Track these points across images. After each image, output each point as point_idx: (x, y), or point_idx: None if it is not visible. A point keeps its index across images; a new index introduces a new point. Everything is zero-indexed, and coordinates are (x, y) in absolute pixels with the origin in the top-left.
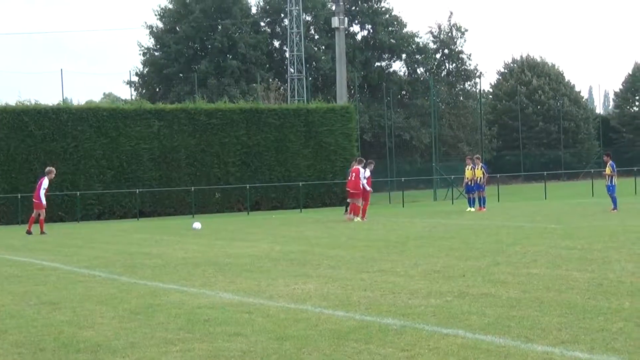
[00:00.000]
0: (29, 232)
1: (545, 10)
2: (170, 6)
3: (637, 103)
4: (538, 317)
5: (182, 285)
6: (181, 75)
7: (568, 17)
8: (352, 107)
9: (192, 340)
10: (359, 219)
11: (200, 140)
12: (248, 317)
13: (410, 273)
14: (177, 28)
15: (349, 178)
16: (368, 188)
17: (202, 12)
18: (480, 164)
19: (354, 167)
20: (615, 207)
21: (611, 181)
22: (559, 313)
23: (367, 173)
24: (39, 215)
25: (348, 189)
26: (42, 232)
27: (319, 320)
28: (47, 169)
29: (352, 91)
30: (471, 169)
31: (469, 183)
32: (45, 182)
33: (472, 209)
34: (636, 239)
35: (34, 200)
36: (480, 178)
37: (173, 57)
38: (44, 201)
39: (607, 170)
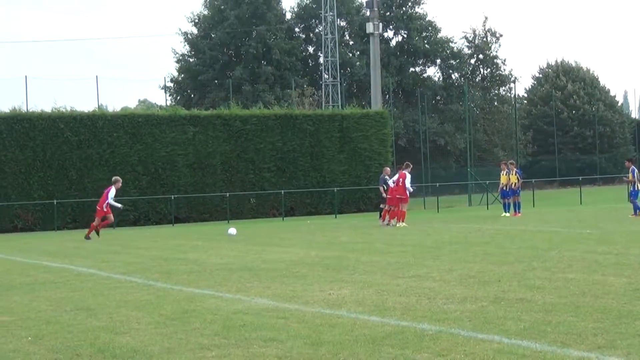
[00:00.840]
0: (91, 236)
1: (580, 15)
2: (205, 12)
3: None
4: (574, 322)
5: (217, 291)
6: (216, 81)
7: (603, 21)
8: (387, 112)
9: (227, 345)
10: (404, 224)
11: (235, 146)
12: (283, 323)
13: (446, 278)
14: (212, 34)
15: (397, 183)
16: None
17: (237, 18)
18: (515, 169)
19: (401, 172)
20: (635, 213)
21: (634, 187)
22: (595, 318)
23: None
24: (105, 219)
25: (389, 196)
26: (87, 237)
27: (354, 325)
28: (114, 178)
29: (387, 97)
30: (506, 174)
31: (504, 188)
32: (112, 192)
33: (508, 214)
34: None
35: (97, 207)
36: (515, 183)
37: (208, 64)
38: (106, 209)
39: (630, 177)
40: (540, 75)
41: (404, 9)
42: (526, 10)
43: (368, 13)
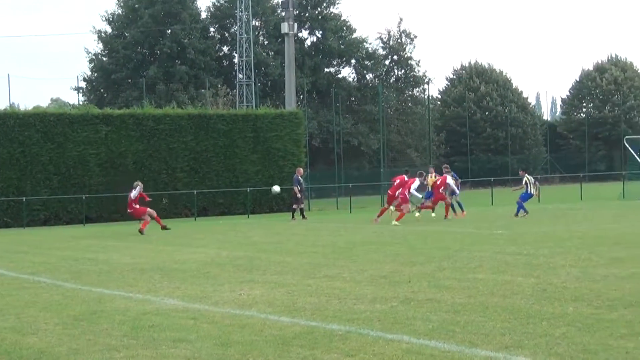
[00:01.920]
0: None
1: (494, 18)
2: (119, 11)
3: (583, 109)
4: (482, 322)
5: (127, 292)
6: (129, 80)
7: (516, 24)
8: (301, 112)
9: (136, 346)
10: (397, 223)
11: (147, 145)
12: (193, 323)
13: (357, 279)
14: (126, 33)
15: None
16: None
17: (151, 17)
18: (434, 172)
19: (413, 178)
20: (517, 214)
21: (528, 190)
22: (503, 318)
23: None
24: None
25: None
26: (141, 231)
27: (264, 326)
28: (135, 183)
29: (301, 97)
30: (434, 177)
31: (429, 189)
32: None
33: (418, 214)
34: (581, 244)
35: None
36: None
37: (121, 63)
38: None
39: (521, 186)
40: (454, 77)
41: (319, 9)
42: (441, 12)
43: (283, 13)
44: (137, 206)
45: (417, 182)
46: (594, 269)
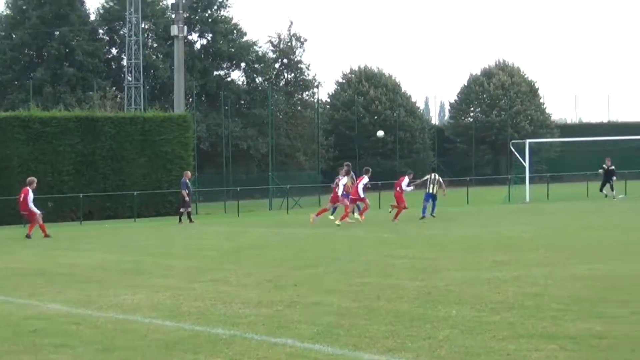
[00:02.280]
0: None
1: (384, 22)
2: (6, 12)
3: (471, 114)
4: (367, 326)
5: (9, 296)
6: (16, 82)
7: (406, 28)
8: (190, 116)
9: (17, 352)
10: (339, 222)
11: (33, 148)
12: (75, 329)
13: (243, 282)
14: (13, 35)
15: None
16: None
17: (39, 19)
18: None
19: (360, 177)
20: (424, 214)
21: (428, 190)
22: (388, 321)
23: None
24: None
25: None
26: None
27: (148, 330)
28: (31, 179)
29: (190, 100)
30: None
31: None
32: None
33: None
34: (467, 248)
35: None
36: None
37: (8, 64)
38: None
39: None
40: (344, 81)
41: (209, 11)
42: (331, 17)
43: (173, 15)
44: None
45: (406, 180)
46: (477, 272)
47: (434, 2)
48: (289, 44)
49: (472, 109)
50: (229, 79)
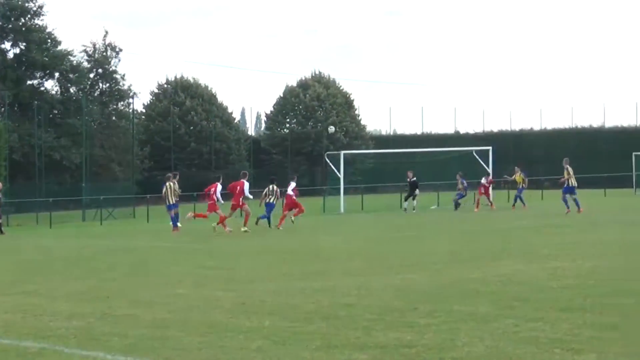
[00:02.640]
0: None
1: (200, 32)
2: None
3: (287, 125)
4: (181, 337)
5: None
6: None
7: (219, 39)
8: (2, 125)
9: None
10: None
11: None
12: None
13: (54, 295)
14: None
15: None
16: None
17: None
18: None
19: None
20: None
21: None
22: (202, 332)
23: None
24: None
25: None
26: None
27: None
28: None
29: (2, 109)
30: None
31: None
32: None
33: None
34: (282, 258)
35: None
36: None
37: None
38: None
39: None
40: (159, 91)
41: (22, 20)
42: (146, 27)
43: None
44: None
45: (247, 185)
46: (292, 282)
47: (249, 13)
48: (104, 53)
49: (288, 120)
50: (42, 89)
